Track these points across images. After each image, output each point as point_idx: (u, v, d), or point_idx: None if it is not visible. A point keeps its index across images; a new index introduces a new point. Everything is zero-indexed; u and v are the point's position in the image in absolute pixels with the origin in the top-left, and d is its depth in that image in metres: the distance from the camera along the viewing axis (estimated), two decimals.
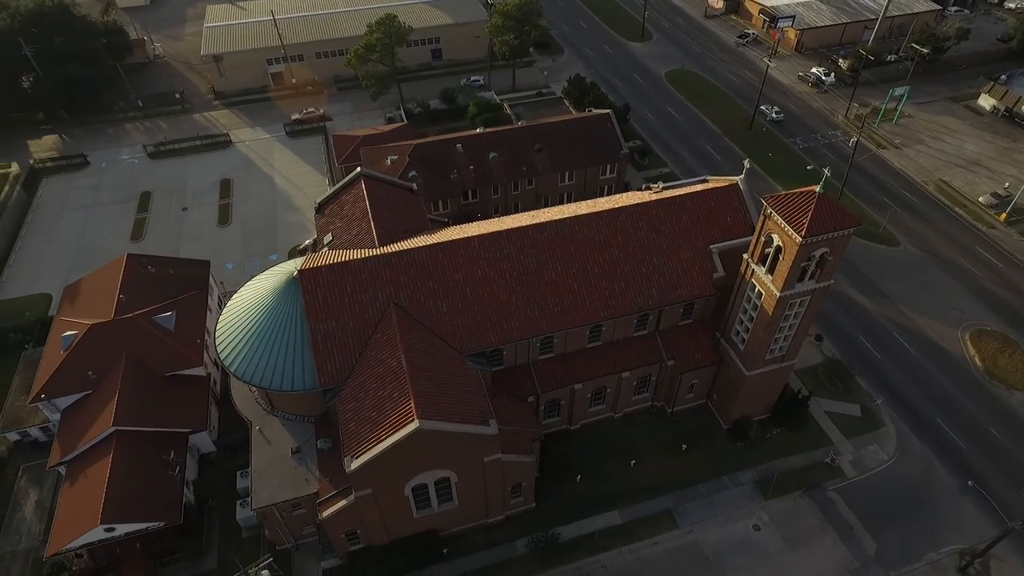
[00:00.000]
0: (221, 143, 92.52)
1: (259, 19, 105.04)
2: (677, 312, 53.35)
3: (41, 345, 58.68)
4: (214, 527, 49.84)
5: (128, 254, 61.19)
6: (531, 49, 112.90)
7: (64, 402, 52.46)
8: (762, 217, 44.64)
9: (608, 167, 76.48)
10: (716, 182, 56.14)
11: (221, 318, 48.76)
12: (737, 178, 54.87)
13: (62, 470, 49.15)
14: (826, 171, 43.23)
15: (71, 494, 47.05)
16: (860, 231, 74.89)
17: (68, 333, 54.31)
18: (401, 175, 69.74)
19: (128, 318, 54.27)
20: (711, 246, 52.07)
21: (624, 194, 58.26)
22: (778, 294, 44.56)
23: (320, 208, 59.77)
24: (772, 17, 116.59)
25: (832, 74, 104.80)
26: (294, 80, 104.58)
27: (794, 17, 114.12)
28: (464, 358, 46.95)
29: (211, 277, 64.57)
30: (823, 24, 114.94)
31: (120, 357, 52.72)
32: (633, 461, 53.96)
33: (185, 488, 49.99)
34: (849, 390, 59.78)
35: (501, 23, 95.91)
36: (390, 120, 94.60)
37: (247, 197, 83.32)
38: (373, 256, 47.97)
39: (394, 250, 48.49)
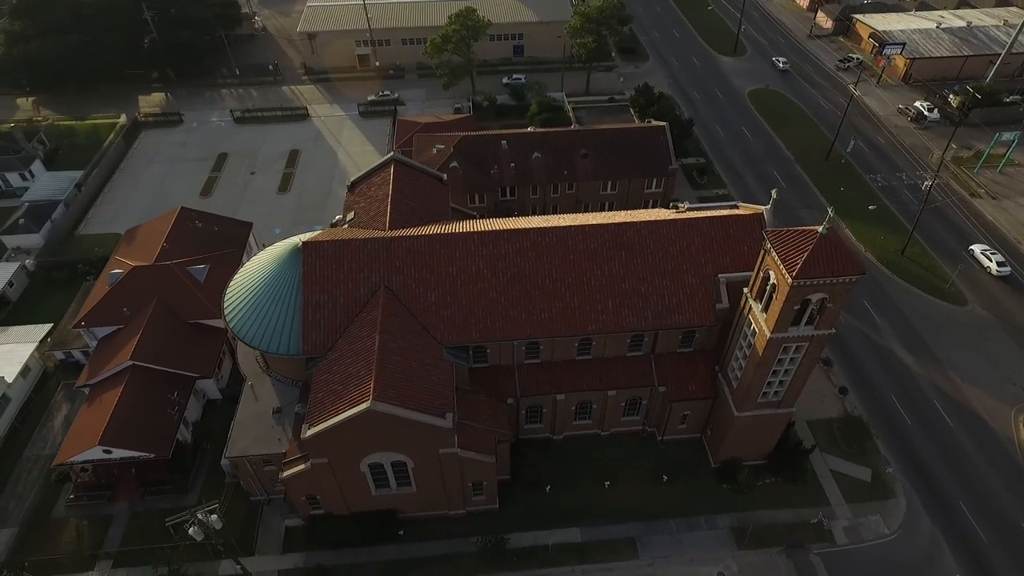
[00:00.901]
0: (299, 115, 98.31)
1: (356, 2, 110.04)
2: (676, 338, 51.25)
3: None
4: (203, 468, 53.63)
5: (181, 208, 66.84)
6: (613, 54, 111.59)
7: (101, 332, 58.25)
8: (762, 252, 42.04)
9: (655, 181, 74.23)
10: (745, 209, 53.30)
11: (235, 276, 52.24)
12: (763, 208, 51.78)
13: (86, 391, 54.75)
14: (830, 211, 39.95)
15: (85, 414, 52.33)
16: (923, 283, 69.05)
17: (115, 271, 60.26)
18: (443, 164, 71.37)
19: (165, 265, 59.30)
20: (720, 275, 49.50)
21: (646, 210, 56.45)
22: (768, 335, 41.83)
23: (352, 187, 62.22)
24: (881, 43, 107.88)
25: (936, 110, 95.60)
26: (377, 63, 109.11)
27: (904, 44, 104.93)
28: (443, 349, 47.62)
29: (252, 238, 69.26)
30: (939, 55, 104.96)
31: (152, 299, 57.77)
32: (608, 482, 52.56)
33: (184, 428, 54.34)
34: (864, 452, 54.98)
35: (580, 25, 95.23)
36: (457, 110, 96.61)
37: (309, 169, 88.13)
38: (374, 238, 49.60)
39: (394, 235, 49.89)
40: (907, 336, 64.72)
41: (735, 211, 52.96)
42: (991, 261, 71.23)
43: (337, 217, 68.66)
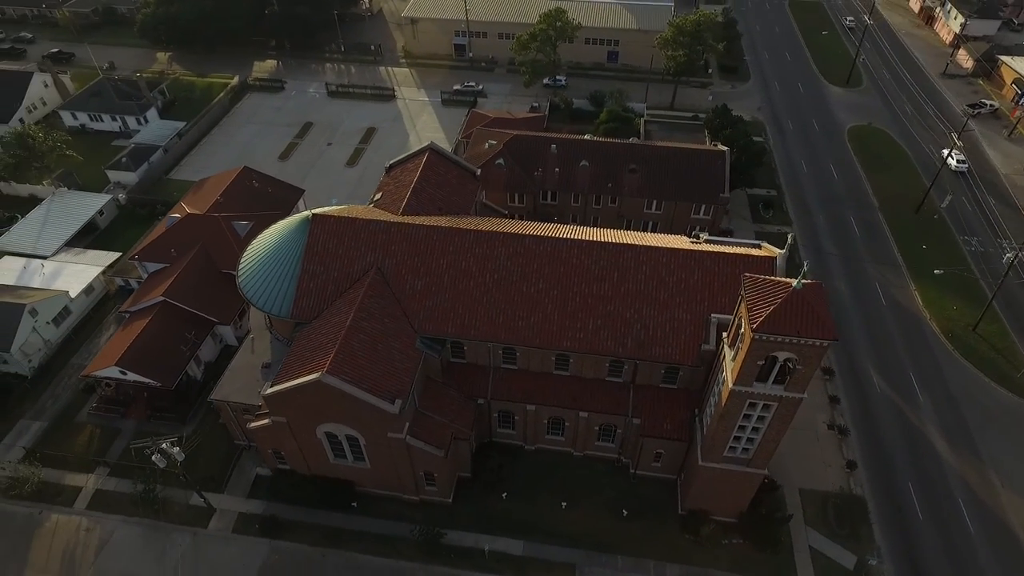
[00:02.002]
0: (386, 96, 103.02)
1: None
2: (659, 372, 48.99)
3: None
4: (203, 404, 58.46)
5: (244, 167, 72.74)
6: (709, 70, 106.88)
7: (151, 267, 64.92)
8: (740, 297, 39.14)
9: (703, 207, 70.65)
10: (767, 251, 49.67)
11: (258, 237, 56.29)
12: (778, 252, 48.01)
13: (126, 316, 61.42)
14: (805, 265, 36.43)
15: (117, 336, 58.81)
16: (989, 366, 61.44)
17: (173, 215, 66.92)
18: (490, 160, 72.32)
19: (214, 216, 64.94)
20: (713, 315, 46.64)
21: (662, 235, 54.06)
22: (730, 385, 39.03)
23: (389, 168, 64.77)
24: None
25: None
26: (470, 54, 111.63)
27: None
28: (417, 338, 48.68)
29: (302, 203, 74.01)
30: None
31: (196, 245, 63.54)
32: (565, 503, 51.40)
33: (196, 365, 59.58)
34: (855, 537, 49.70)
35: (671, 37, 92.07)
36: (533, 109, 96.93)
37: (380, 147, 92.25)
38: (377, 220, 51.50)
39: (396, 220, 51.50)
40: (950, 421, 57.42)
41: (752, 251, 49.51)
42: None
43: (375, 196, 71.88)
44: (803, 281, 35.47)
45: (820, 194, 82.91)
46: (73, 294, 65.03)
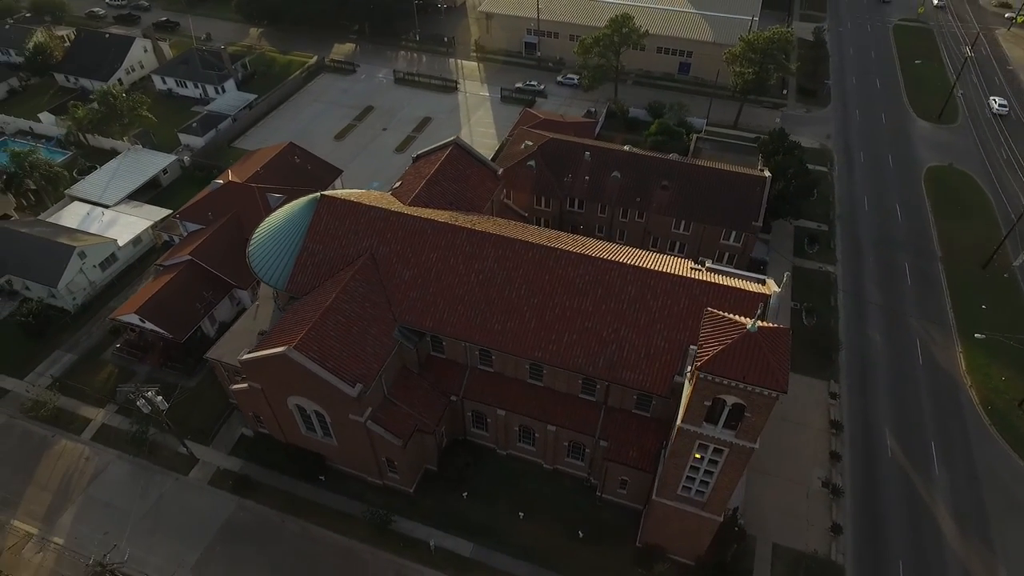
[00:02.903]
0: (448, 87, 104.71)
1: None
2: (631, 398, 47.31)
3: None
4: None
5: (290, 143, 76.37)
6: (784, 91, 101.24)
7: (191, 227, 69.59)
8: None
9: (734, 234, 67.19)
10: (767, 288, 46.73)
11: (275, 212, 59.01)
12: (774, 289, 45.01)
13: (160, 269, 66.21)
14: (760, 307, 33.82)
15: (146, 287, 63.59)
16: None
17: (217, 181, 71.33)
18: (521, 160, 72.15)
19: (250, 186, 68.67)
20: (692, 346, 44.23)
21: (662, 256, 51.85)
22: (678, 422, 37.14)
23: (415, 159, 65.98)
24: None
25: None
26: (538, 54, 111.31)
27: None
28: (396, 327, 49.47)
29: (339, 183, 76.80)
30: None
31: (230, 211, 67.45)
32: (523, 514, 50.72)
33: (210, 323, 63.36)
34: None
35: (740, 53, 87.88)
36: (588, 114, 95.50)
37: (431, 137, 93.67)
38: (378, 207, 52.67)
39: (396, 209, 52.44)
40: (966, 502, 51.81)
41: (749, 286, 46.70)
42: None
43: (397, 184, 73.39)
44: (759, 324, 33.17)
45: (877, 235, 76.71)
46: (121, 243, 70.80)
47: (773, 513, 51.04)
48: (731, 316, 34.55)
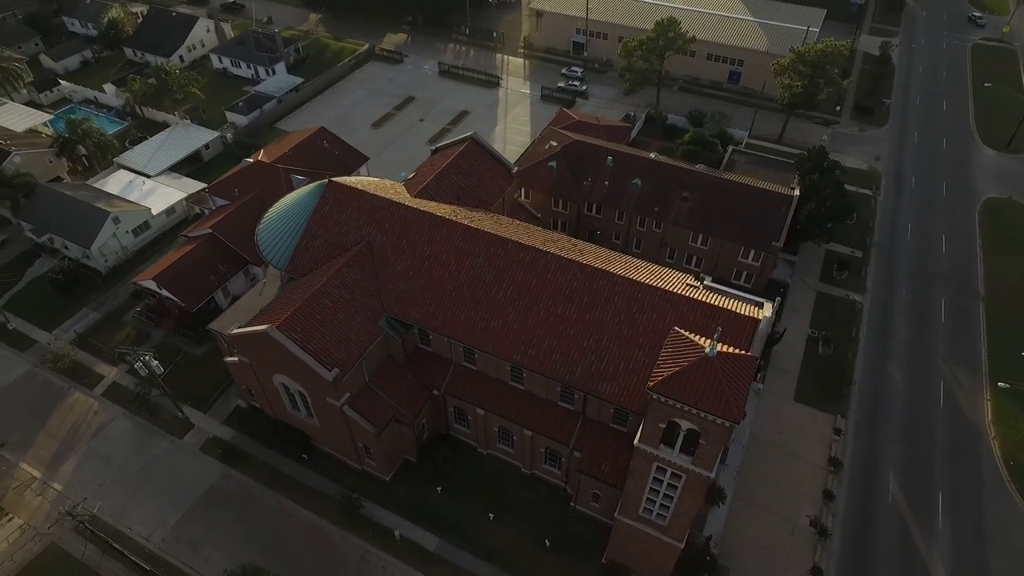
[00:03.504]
0: (491, 83, 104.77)
1: None
2: (608, 411, 46.18)
3: None
4: None
5: (320, 127, 78.25)
6: (838, 107, 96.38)
7: (218, 201, 72.34)
8: None
9: (752, 253, 64.52)
10: (761, 312, 44.61)
11: (288, 194, 60.54)
12: (763, 313, 42.90)
13: (184, 240, 69.17)
14: (717, 331, 32.16)
15: (169, 255, 66.51)
16: None
17: (246, 160, 73.83)
18: (542, 160, 71.53)
19: (275, 166, 70.69)
20: None
21: (659, 268, 50.21)
22: (635, 441, 36.00)
23: (434, 152, 66.42)
24: None
25: None
26: (585, 54, 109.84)
27: None
28: (383, 316, 49.94)
29: (364, 170, 78.19)
30: None
31: (254, 189, 69.68)
32: (493, 515, 50.40)
33: (224, 296, 65.67)
34: None
35: (789, 64, 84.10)
36: (626, 118, 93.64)
37: (466, 129, 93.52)
38: (380, 196, 53.26)
39: (398, 200, 52.88)
40: (967, 561, 48.11)
41: (742, 308, 44.71)
42: None
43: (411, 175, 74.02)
44: (719, 349, 31.67)
45: (915, 267, 72.04)
46: (155, 212, 74.35)
47: (752, 546, 48.88)
48: (694, 338, 33.11)
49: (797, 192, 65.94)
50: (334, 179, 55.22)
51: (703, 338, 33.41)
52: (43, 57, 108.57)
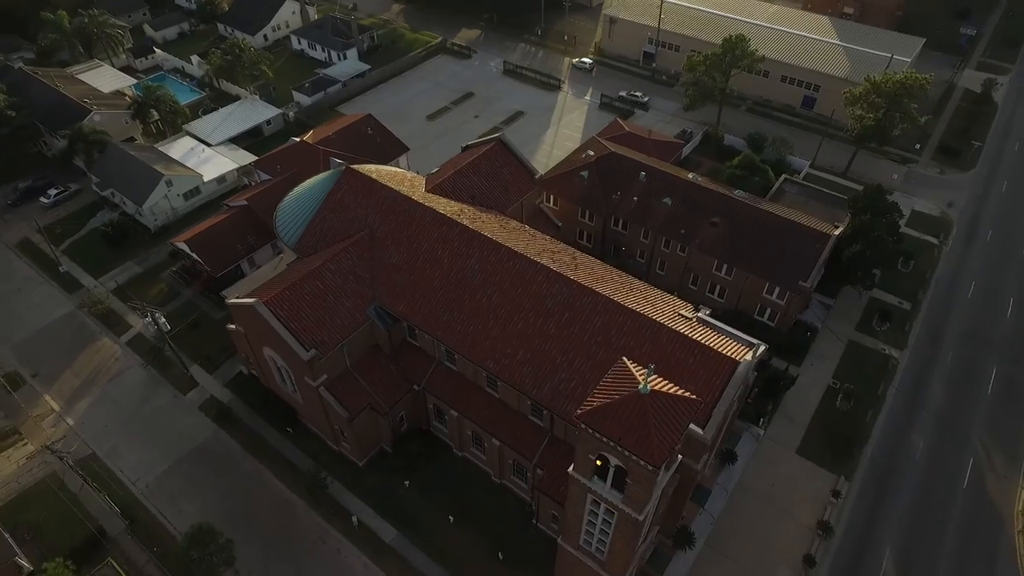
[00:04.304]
0: (552, 86, 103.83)
1: (672, 1, 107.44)
2: (574, 432, 44.58)
3: None
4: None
5: (367, 114, 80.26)
6: (918, 145, 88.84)
7: (263, 175, 75.80)
8: None
9: (777, 290, 60.58)
10: (745, 354, 41.86)
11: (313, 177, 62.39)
12: (747, 355, 40.10)
13: (225, 208, 72.93)
14: (650, 368, 30.08)
15: (207, 220, 70.22)
16: None
17: (293, 139, 76.86)
18: (575, 169, 70.30)
19: (317, 148, 73.12)
20: None
21: (663, 295, 47.99)
22: (569, 469, 34.63)
23: (463, 149, 66.60)
24: None
25: None
26: (654, 65, 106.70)
27: None
28: (373, 305, 50.60)
29: (405, 159, 79.69)
30: None
31: (294, 167, 72.36)
32: (454, 518, 50.06)
33: (249, 265, 68.66)
34: None
35: (861, 93, 78.23)
36: (681, 135, 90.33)
37: (517, 131, 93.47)
38: (390, 188, 53.99)
39: (404, 192, 53.41)
40: None
41: (729, 347, 42.10)
42: None
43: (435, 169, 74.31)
44: (653, 387, 29.83)
45: (968, 328, 65.26)
46: (206, 179, 78.87)
47: None
48: (635, 371, 31.33)
49: (837, 231, 61.43)
50: (352, 166, 56.46)
51: (639, 371, 31.55)
52: (146, 27, 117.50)
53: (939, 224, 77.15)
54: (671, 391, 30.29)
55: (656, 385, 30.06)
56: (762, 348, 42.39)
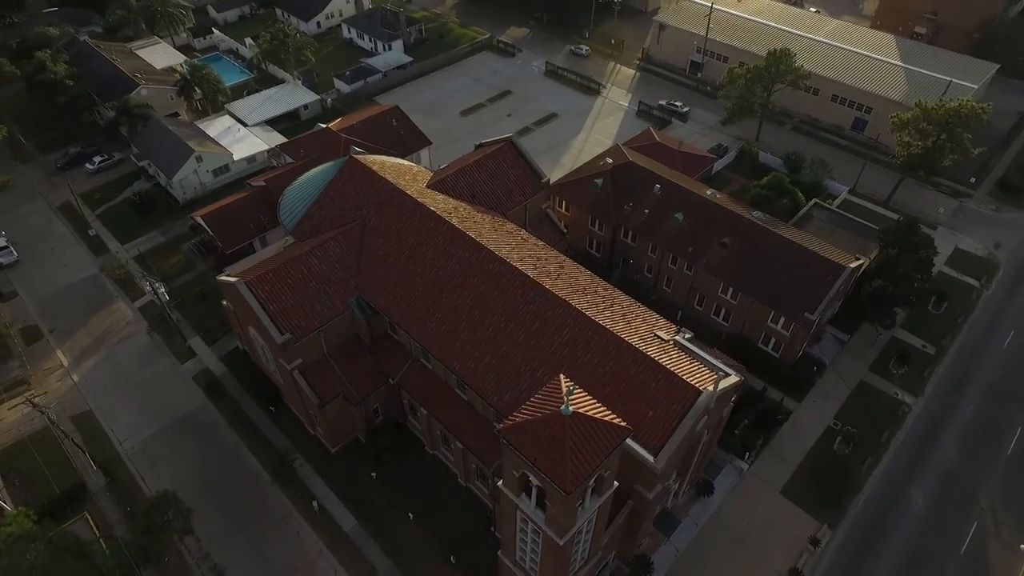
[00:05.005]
0: (591, 90, 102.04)
1: (723, 11, 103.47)
2: None
3: None
4: None
5: (394, 106, 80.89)
6: (973, 179, 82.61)
7: (287, 159, 77.59)
8: None
9: (782, 320, 57.42)
10: (704, 381, 39.71)
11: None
12: (720, 384, 38.01)
13: (247, 187, 75.09)
14: (570, 387, 28.59)
15: (228, 198, 72.41)
16: None
17: (320, 126, 78.34)
18: (589, 176, 68.87)
19: (340, 136, 74.26)
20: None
21: (647, 312, 46.26)
22: (499, 482, 33.70)
23: (477, 147, 66.16)
24: None
25: None
26: (699, 75, 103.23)
27: None
28: (355, 296, 50.86)
29: (428, 153, 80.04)
30: None
31: (316, 153, 73.72)
32: (414, 516, 49.84)
33: (261, 243, 70.37)
34: None
35: (910, 119, 73.23)
36: (715, 149, 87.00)
37: (548, 132, 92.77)
38: (387, 180, 54.18)
39: (399, 186, 53.43)
40: None
41: (696, 375, 40.09)
42: None
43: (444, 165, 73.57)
44: (574, 408, 28.56)
45: (998, 381, 60.09)
46: (236, 157, 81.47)
47: None
48: (565, 389, 30.04)
49: (855, 263, 57.72)
50: (355, 156, 56.97)
51: (577, 392, 30.21)
52: (210, 8, 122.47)
53: (984, 265, 71.44)
54: (595, 414, 28.98)
55: (580, 407, 28.79)
56: (732, 379, 40.15)
